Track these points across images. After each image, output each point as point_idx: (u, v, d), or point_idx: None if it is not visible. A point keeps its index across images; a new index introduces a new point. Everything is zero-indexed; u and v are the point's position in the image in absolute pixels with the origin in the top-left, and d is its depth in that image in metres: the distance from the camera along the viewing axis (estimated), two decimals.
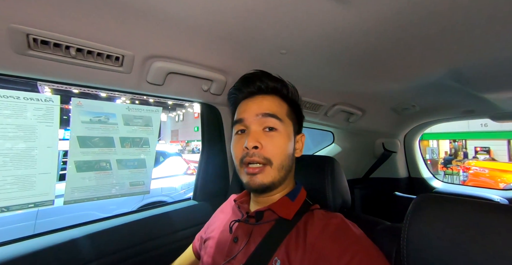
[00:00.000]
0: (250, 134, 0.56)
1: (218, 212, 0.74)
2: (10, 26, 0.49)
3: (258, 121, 0.57)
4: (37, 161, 0.68)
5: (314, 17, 0.58)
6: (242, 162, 0.56)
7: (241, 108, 0.61)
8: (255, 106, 0.59)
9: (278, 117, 0.57)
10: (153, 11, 0.55)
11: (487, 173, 5.78)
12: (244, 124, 0.58)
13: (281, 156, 0.56)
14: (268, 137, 0.56)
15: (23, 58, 0.56)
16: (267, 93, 0.62)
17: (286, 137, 0.58)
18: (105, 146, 0.80)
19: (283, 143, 0.57)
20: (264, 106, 0.58)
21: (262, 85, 0.61)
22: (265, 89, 0.62)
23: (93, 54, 0.61)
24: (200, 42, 0.68)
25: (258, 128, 0.57)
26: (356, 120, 1.43)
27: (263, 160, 0.54)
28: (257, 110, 0.58)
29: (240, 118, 0.59)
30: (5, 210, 0.66)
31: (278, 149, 0.56)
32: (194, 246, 0.74)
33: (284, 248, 0.51)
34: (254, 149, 0.54)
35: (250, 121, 0.57)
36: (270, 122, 0.57)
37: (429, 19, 0.58)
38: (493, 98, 1.15)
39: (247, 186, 0.57)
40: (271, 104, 0.59)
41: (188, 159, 4.09)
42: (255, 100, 0.61)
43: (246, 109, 0.60)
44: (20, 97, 0.65)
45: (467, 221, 0.42)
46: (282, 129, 0.58)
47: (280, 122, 0.58)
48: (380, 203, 1.77)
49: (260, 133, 0.56)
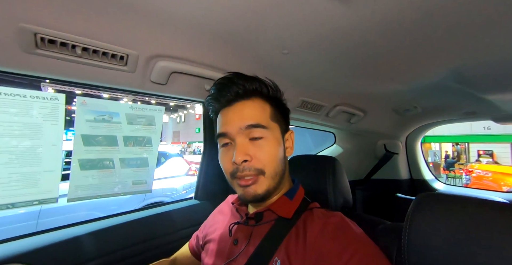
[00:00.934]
0: (237, 148, 0.53)
1: (216, 213, 0.73)
2: (19, 25, 0.50)
3: (242, 133, 0.54)
4: (41, 159, 0.68)
5: (316, 17, 0.59)
6: (234, 176, 0.54)
7: (222, 120, 0.58)
8: (236, 117, 0.55)
9: (262, 125, 0.54)
10: (158, 11, 0.56)
11: (490, 176, 5.73)
12: (229, 138, 0.56)
13: (273, 164, 0.54)
14: (256, 147, 0.54)
15: (31, 57, 0.57)
16: (247, 98, 0.57)
17: (274, 143, 0.56)
18: (109, 144, 0.81)
19: (272, 150, 0.55)
20: (246, 117, 0.55)
21: (239, 90, 0.57)
22: (243, 93, 0.57)
23: (98, 53, 0.62)
24: (203, 42, 0.69)
25: (244, 139, 0.54)
26: (357, 121, 1.43)
27: (255, 172, 0.53)
28: (239, 123, 0.54)
29: (223, 132, 0.56)
30: (10, 206, 0.66)
31: (268, 157, 0.54)
32: (190, 243, 0.75)
33: (284, 248, 0.51)
34: (244, 162, 0.52)
35: (234, 134, 0.54)
36: (255, 133, 0.54)
37: (431, 19, 0.58)
38: (495, 100, 1.15)
39: (242, 198, 0.56)
40: (252, 111, 0.56)
41: (189, 160, 4.10)
42: (235, 109, 0.57)
43: (227, 121, 0.56)
44: (26, 96, 0.66)
45: (468, 220, 0.42)
46: (269, 135, 0.55)
47: (266, 130, 0.55)
48: (382, 204, 1.76)
49: (247, 145, 0.54)
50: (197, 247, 0.72)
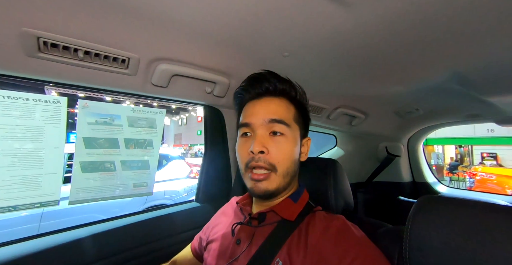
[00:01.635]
0: (256, 138, 0.55)
1: (219, 214, 0.73)
2: (22, 29, 0.51)
3: (265, 126, 0.56)
4: (43, 161, 0.69)
5: (316, 20, 0.59)
6: (247, 166, 0.55)
7: (248, 111, 0.60)
8: (262, 110, 0.58)
9: (285, 122, 0.56)
10: (159, 15, 0.57)
11: (495, 179, 5.68)
12: (251, 128, 0.57)
13: (286, 162, 0.55)
14: (274, 142, 0.55)
15: (33, 60, 0.57)
16: (275, 95, 0.60)
17: (292, 142, 0.57)
18: (110, 147, 0.82)
19: (289, 149, 0.56)
20: (272, 111, 0.57)
21: (270, 86, 0.59)
22: (273, 91, 0.60)
23: (100, 56, 0.62)
24: (204, 45, 0.70)
25: (265, 132, 0.56)
26: (359, 124, 1.43)
27: (268, 166, 0.54)
28: (264, 116, 0.56)
29: (246, 122, 0.58)
30: (12, 209, 0.67)
31: (284, 155, 0.55)
32: (192, 245, 0.75)
33: (286, 249, 0.51)
34: (260, 153, 0.54)
35: (257, 126, 0.56)
36: (277, 128, 0.56)
37: (431, 21, 0.58)
38: (497, 102, 1.15)
39: (251, 192, 0.57)
40: (278, 108, 0.58)
41: (190, 162, 4.10)
42: (262, 103, 0.59)
43: (253, 113, 0.58)
44: (29, 99, 0.67)
45: (470, 223, 0.42)
46: (289, 134, 0.57)
47: (287, 127, 0.56)
48: (384, 207, 1.75)
49: (266, 137, 0.55)
50: (199, 248, 0.71)
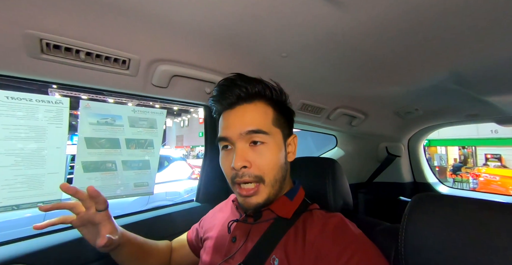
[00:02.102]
0: (237, 153, 0.52)
1: (216, 210, 0.74)
2: (25, 31, 0.53)
3: (243, 138, 0.53)
4: (46, 161, 0.70)
5: (313, 21, 0.60)
6: (234, 182, 0.54)
7: (223, 124, 0.57)
8: (238, 122, 0.54)
9: (263, 131, 0.53)
10: (159, 17, 0.58)
11: (498, 180, 5.63)
12: (229, 142, 0.55)
13: (272, 171, 0.54)
14: (256, 153, 0.53)
15: (36, 61, 0.59)
16: (249, 101, 0.56)
17: (275, 149, 0.55)
18: (111, 147, 0.82)
19: (273, 157, 0.54)
20: (247, 121, 0.54)
21: (241, 93, 0.55)
22: (246, 96, 0.56)
23: (101, 57, 0.64)
24: (203, 46, 0.71)
25: (244, 145, 0.53)
26: (359, 124, 1.43)
27: (254, 178, 0.52)
28: (240, 128, 0.53)
29: (223, 136, 0.56)
30: (15, 208, 0.68)
31: (268, 164, 0.53)
32: (189, 234, 0.76)
33: (283, 246, 0.51)
34: (243, 168, 0.52)
35: (235, 139, 0.54)
36: (256, 138, 0.53)
37: (429, 21, 0.59)
38: (497, 102, 1.14)
39: (243, 207, 0.57)
40: (254, 116, 0.55)
41: (192, 164, 4.11)
42: (237, 113, 0.56)
43: (228, 125, 0.55)
44: (32, 100, 0.68)
45: (465, 220, 0.42)
46: (270, 141, 0.54)
47: (267, 135, 0.54)
48: (384, 208, 1.75)
49: (246, 150, 0.53)
50: (196, 240, 0.72)
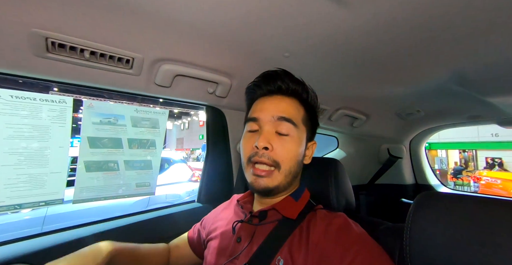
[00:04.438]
0: (263, 134, 0.55)
1: (220, 210, 0.73)
2: (31, 30, 0.53)
3: (272, 123, 0.56)
4: (49, 160, 0.70)
5: (316, 21, 0.60)
6: (250, 160, 0.55)
7: (258, 107, 0.60)
8: (272, 106, 0.57)
9: (293, 122, 0.56)
10: (162, 16, 0.58)
11: (500, 183, 5.61)
12: (258, 124, 0.57)
13: (290, 161, 0.55)
14: (280, 140, 0.55)
15: (42, 60, 0.59)
16: (286, 95, 0.60)
17: (298, 143, 0.57)
18: (114, 146, 0.83)
19: (294, 148, 0.56)
20: (281, 108, 0.57)
21: (282, 85, 0.59)
22: (285, 90, 0.59)
23: (105, 57, 0.64)
24: (206, 46, 0.71)
25: (272, 129, 0.56)
26: (360, 125, 1.43)
27: (271, 162, 0.54)
28: (273, 112, 0.56)
29: (255, 117, 0.58)
30: (18, 207, 0.68)
31: (288, 154, 0.55)
32: (189, 234, 0.75)
33: (288, 247, 0.51)
34: (264, 149, 0.54)
35: (265, 122, 0.56)
36: (284, 126, 0.56)
37: (432, 22, 0.59)
38: (498, 103, 1.15)
39: (251, 187, 0.57)
40: (288, 107, 0.58)
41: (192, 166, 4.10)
42: (273, 100, 0.59)
43: (263, 108, 0.58)
44: (36, 99, 0.68)
45: (469, 217, 0.42)
46: (295, 134, 0.56)
47: (295, 127, 0.56)
48: (386, 209, 1.74)
49: (272, 135, 0.55)
50: (197, 240, 0.71)
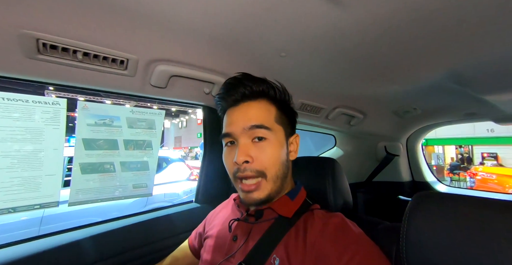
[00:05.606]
0: (239, 148, 0.54)
1: (218, 211, 0.74)
2: (21, 31, 0.52)
3: (246, 134, 0.55)
4: (43, 163, 0.69)
5: (312, 20, 0.60)
6: (235, 176, 0.55)
7: (228, 120, 0.59)
8: (241, 117, 0.57)
9: (266, 127, 0.55)
10: (156, 16, 0.57)
11: (495, 178, 5.67)
12: (233, 138, 0.57)
13: (274, 166, 0.55)
14: (258, 148, 0.54)
15: (33, 62, 0.58)
16: (253, 99, 0.58)
17: (277, 145, 0.56)
18: (110, 148, 0.82)
19: (274, 152, 0.55)
20: (250, 117, 0.56)
21: (246, 91, 0.58)
22: (250, 94, 0.58)
23: (99, 58, 0.63)
24: (202, 46, 0.70)
25: (247, 140, 0.55)
26: (357, 123, 1.43)
27: (256, 174, 0.53)
28: (243, 123, 0.55)
29: (227, 132, 0.57)
30: (11, 211, 0.67)
31: (270, 160, 0.54)
32: (190, 240, 0.75)
33: (283, 246, 0.51)
34: (245, 163, 0.53)
35: (238, 134, 0.55)
36: (258, 133, 0.55)
37: (427, 20, 0.59)
38: (494, 100, 1.15)
39: (244, 203, 0.57)
40: (257, 112, 0.57)
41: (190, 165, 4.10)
42: (241, 109, 0.58)
43: (232, 121, 0.57)
44: (29, 101, 0.67)
45: (466, 217, 0.42)
46: (272, 137, 0.56)
47: (269, 131, 0.55)
48: (384, 207, 1.75)
49: (249, 145, 0.54)
50: (198, 245, 0.72)
